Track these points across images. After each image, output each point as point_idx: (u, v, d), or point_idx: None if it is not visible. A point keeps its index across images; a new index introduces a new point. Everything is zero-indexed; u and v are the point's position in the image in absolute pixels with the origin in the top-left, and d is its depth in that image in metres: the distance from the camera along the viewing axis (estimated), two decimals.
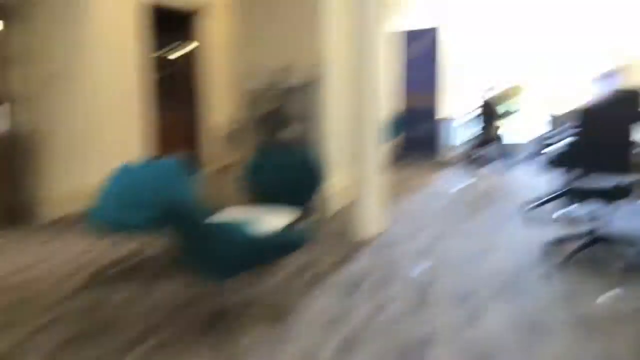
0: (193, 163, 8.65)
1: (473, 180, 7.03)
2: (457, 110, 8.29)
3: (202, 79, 8.77)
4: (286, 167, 4.58)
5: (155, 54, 8.91)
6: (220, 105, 9.06)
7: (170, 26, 8.67)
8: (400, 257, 4.08)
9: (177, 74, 8.98)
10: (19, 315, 3.41)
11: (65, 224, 5.71)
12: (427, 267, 3.83)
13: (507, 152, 7.92)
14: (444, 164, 8.35)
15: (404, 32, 8.39)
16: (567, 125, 4.97)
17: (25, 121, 5.84)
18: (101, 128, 6.40)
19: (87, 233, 5.22)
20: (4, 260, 4.60)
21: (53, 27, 5.84)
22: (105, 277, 4.01)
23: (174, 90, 9.09)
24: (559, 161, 4.79)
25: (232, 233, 2.83)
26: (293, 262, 4.08)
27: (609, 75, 6.70)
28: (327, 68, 5.39)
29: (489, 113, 7.33)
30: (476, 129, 7.37)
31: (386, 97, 8.36)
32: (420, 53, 8.34)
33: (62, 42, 5.94)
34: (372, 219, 4.67)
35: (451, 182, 6.95)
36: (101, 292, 3.72)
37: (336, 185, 5.67)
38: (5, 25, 5.68)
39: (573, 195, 3.91)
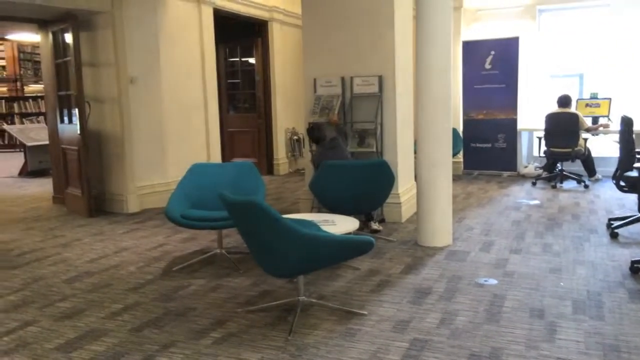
0: (263, 166, 8.91)
1: (554, 194, 6.72)
2: (539, 122, 7.96)
3: (270, 84, 8.98)
4: (354, 175, 4.61)
5: (226, 60, 9.27)
6: (287, 111, 9.25)
7: (242, 34, 8.98)
8: (470, 269, 3.97)
9: (247, 79, 9.26)
10: (103, 296, 3.64)
11: (145, 217, 6.04)
12: (499, 281, 3.70)
13: (593, 166, 7.51)
14: (523, 177, 8.04)
15: (484, 41, 8.18)
16: None
17: (111, 122, 6.25)
18: (176, 129, 6.73)
19: (164, 226, 5.49)
20: (92, 245, 4.94)
21: (133, 35, 6.22)
22: (181, 267, 4.19)
23: (244, 94, 9.39)
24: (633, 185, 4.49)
25: (304, 232, 2.88)
26: (361, 266, 4.09)
27: None
28: (395, 77, 5.34)
29: (575, 125, 6.98)
30: (560, 141, 7.04)
31: (457, 107, 8.22)
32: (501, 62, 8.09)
33: (141, 49, 6.32)
34: (441, 229, 4.58)
35: (530, 195, 6.68)
36: (177, 281, 3.90)
37: (405, 194, 5.62)
38: (92, 35, 6.12)
39: None
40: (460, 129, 8.42)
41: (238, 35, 9.10)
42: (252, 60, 9.15)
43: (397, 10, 5.29)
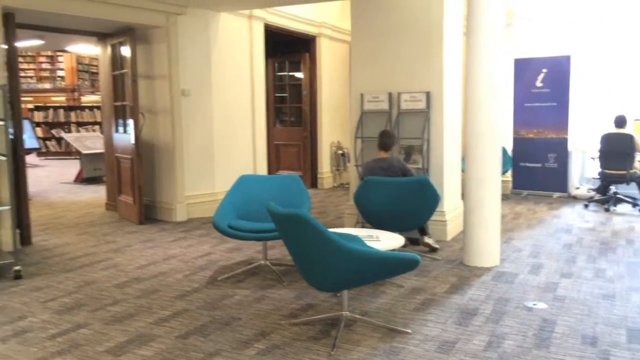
0: (307, 179, 8.97)
1: (607, 217, 6.47)
2: (592, 142, 7.71)
3: (317, 99, 9.05)
4: (395, 192, 4.57)
5: (275, 74, 9.43)
6: (333, 125, 9.30)
7: (290, 48, 9.12)
8: (519, 292, 3.86)
9: (294, 93, 9.38)
10: (152, 301, 3.73)
11: (192, 226, 6.17)
12: (549, 305, 3.59)
13: None
14: (575, 198, 7.78)
15: (535, 58, 8.02)
16: None
17: (163, 132, 6.45)
18: (224, 141, 6.88)
19: (210, 235, 5.59)
20: (142, 252, 5.08)
21: (186, 49, 6.42)
22: (226, 277, 4.26)
23: (291, 108, 9.51)
24: None
25: (349, 246, 2.88)
26: (405, 283, 4.04)
27: None
28: (443, 94, 5.30)
29: (630, 146, 6.73)
30: (614, 163, 6.80)
31: (507, 125, 8.05)
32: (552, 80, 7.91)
33: (193, 63, 6.51)
34: (488, 249, 4.48)
35: (582, 218, 6.46)
36: (222, 290, 3.96)
37: (450, 212, 5.53)
38: (148, 48, 6.35)
39: None
40: (510, 148, 8.25)
41: (287, 50, 9.25)
42: (299, 75, 9.27)
43: (446, 25, 5.27)
